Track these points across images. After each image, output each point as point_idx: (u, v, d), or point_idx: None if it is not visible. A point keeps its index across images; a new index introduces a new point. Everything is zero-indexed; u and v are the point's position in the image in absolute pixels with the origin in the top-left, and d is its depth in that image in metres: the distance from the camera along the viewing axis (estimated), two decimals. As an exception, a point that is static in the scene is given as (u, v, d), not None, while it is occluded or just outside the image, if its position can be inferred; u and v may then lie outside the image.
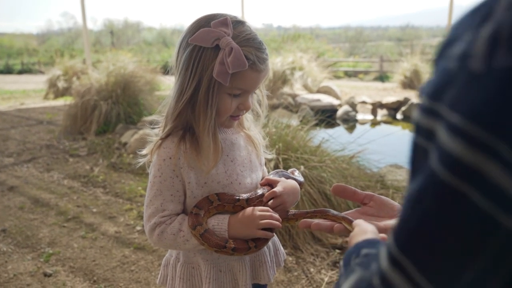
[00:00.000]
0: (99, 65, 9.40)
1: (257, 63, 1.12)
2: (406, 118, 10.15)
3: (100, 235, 3.52)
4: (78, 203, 4.21)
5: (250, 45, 1.12)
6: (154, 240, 1.20)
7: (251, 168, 1.32)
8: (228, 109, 1.18)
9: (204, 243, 1.14)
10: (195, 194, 1.21)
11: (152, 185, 1.21)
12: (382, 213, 1.04)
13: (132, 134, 6.27)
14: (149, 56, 23.78)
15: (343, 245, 3.23)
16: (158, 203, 1.20)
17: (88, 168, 5.33)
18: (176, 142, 1.19)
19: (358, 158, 4.36)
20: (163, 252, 3.20)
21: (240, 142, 1.32)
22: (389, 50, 28.11)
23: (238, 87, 1.14)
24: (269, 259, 1.35)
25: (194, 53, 1.13)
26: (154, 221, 1.19)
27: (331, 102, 10.45)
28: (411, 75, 13.30)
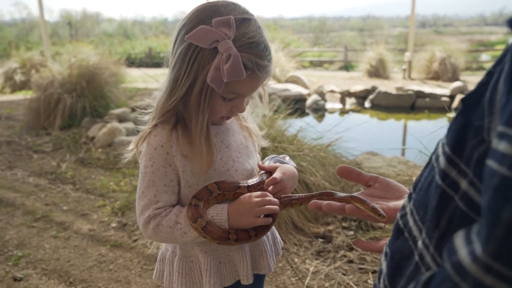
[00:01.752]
0: (59, 57, 9.02)
1: (256, 71, 1.05)
2: (374, 106, 10.32)
3: (73, 234, 3.35)
4: (47, 201, 4.00)
5: (251, 52, 1.04)
6: (149, 234, 1.13)
7: (248, 154, 1.27)
8: (220, 112, 1.12)
9: (207, 236, 1.08)
10: (190, 183, 1.14)
11: (143, 176, 1.13)
12: (388, 195, 1.02)
13: (99, 127, 6.04)
14: (111, 48, 23.10)
15: (326, 234, 3.22)
16: (151, 195, 1.12)
17: (55, 164, 5.08)
18: (167, 130, 1.12)
19: (334, 147, 4.37)
20: (141, 249, 3.08)
21: (234, 127, 1.27)
22: (352, 40, 28.54)
23: (233, 92, 1.08)
24: (268, 248, 1.31)
25: (190, 50, 1.04)
26: (148, 214, 1.11)
27: (300, 91, 10.47)
28: (376, 64, 13.52)
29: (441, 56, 12.82)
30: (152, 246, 3.09)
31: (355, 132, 4.83)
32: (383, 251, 0.68)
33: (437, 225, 0.46)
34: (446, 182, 0.46)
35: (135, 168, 4.75)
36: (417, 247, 0.52)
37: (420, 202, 0.54)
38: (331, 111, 10.28)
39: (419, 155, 3.75)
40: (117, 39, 32.00)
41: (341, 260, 2.86)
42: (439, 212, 0.46)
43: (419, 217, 0.54)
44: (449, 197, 0.45)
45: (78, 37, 34.72)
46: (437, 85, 11.39)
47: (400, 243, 0.59)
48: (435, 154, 0.54)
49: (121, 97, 7.69)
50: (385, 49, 14.01)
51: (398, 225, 0.61)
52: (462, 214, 0.43)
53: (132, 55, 21.94)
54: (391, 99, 10.06)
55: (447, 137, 0.49)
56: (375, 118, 9.63)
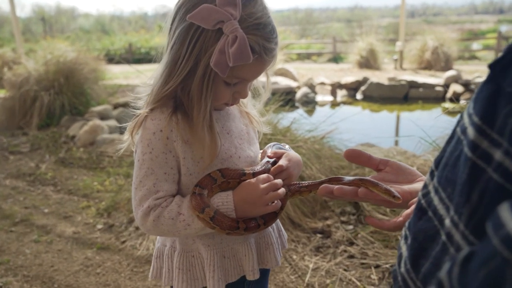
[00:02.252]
0: (33, 54, 8.85)
1: (263, 55, 1.01)
2: (366, 97, 10.35)
3: (56, 238, 3.27)
4: (26, 204, 3.90)
5: (258, 34, 0.99)
6: (148, 227, 1.07)
7: (249, 140, 1.23)
8: (222, 98, 1.08)
9: (216, 227, 1.03)
10: (191, 171, 1.09)
11: (141, 164, 1.07)
12: (400, 179, 1.01)
13: (80, 126, 5.94)
14: (89, 44, 22.80)
15: (324, 229, 3.19)
16: (150, 184, 1.06)
17: (33, 165, 4.97)
18: (166, 113, 1.07)
19: (329, 139, 4.36)
20: (130, 251, 3.02)
21: (234, 113, 1.23)
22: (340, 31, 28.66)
23: (237, 76, 1.04)
24: (274, 240, 1.27)
25: (191, 30, 0.99)
26: (148, 205, 1.06)
27: (289, 84, 10.46)
28: (367, 54, 13.58)
29: (434, 45, 12.93)
30: (141, 247, 3.03)
31: (349, 124, 4.82)
32: (402, 234, 0.65)
33: (467, 199, 0.44)
34: (476, 153, 0.44)
35: (120, 166, 4.67)
36: (444, 226, 0.49)
37: (447, 179, 0.52)
38: (322, 104, 10.29)
39: (418, 144, 3.75)
40: (95, 35, 31.64)
41: (342, 255, 2.84)
42: (470, 186, 0.44)
43: (446, 194, 0.51)
44: (480, 169, 0.43)
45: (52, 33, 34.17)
46: (430, 75, 11.49)
47: (423, 223, 0.57)
48: (460, 126, 0.52)
49: (102, 94, 7.59)
50: (375, 40, 14.09)
51: (421, 205, 0.59)
52: (497, 186, 0.41)
53: (112, 51, 21.67)
54: (384, 90, 10.10)
55: (474, 107, 0.47)
56: (368, 109, 9.66)
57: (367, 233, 3.02)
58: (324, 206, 3.45)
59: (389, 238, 2.92)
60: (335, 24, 43.59)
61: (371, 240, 2.95)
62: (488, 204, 0.42)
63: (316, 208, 3.42)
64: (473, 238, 0.43)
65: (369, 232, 3.04)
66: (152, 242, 3.04)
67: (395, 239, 2.88)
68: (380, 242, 2.90)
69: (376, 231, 3.03)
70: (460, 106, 8.52)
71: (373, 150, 4.46)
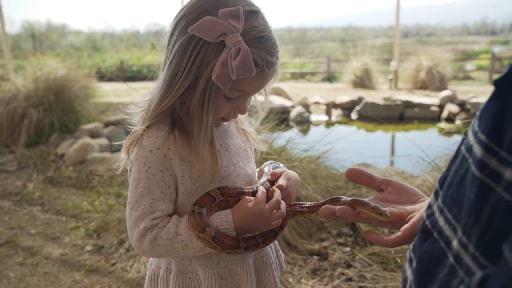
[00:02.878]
0: (22, 71, 8.85)
1: (265, 69, 1.01)
2: (361, 117, 10.42)
3: (43, 260, 3.21)
4: (11, 225, 3.84)
5: (261, 47, 1.00)
6: (145, 248, 1.05)
7: (247, 158, 1.23)
8: (222, 112, 1.08)
9: (217, 246, 1.02)
10: (189, 189, 1.08)
11: (137, 183, 1.05)
12: (403, 199, 1.00)
13: (70, 144, 5.90)
14: (79, 61, 22.87)
15: (321, 251, 3.16)
16: (146, 204, 1.05)
17: (20, 184, 4.92)
18: (164, 131, 1.06)
19: (324, 159, 4.36)
20: (120, 273, 2.97)
21: (232, 130, 1.23)
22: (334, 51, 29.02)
23: (239, 90, 1.03)
24: (273, 260, 1.25)
25: (192, 43, 0.99)
26: (144, 225, 1.04)
27: (283, 103, 10.52)
28: (361, 74, 13.74)
29: (428, 65, 13.13)
30: (132, 269, 2.97)
31: (344, 143, 4.83)
32: (406, 257, 0.65)
33: (476, 220, 0.44)
34: (485, 172, 0.43)
35: (110, 186, 4.63)
36: (452, 248, 0.49)
37: (452, 198, 0.52)
38: (316, 124, 10.34)
39: (415, 164, 3.76)
40: (86, 52, 31.78)
41: (339, 278, 2.81)
42: (479, 206, 0.44)
43: (452, 215, 0.51)
44: (489, 189, 0.42)
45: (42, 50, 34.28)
46: (425, 95, 11.62)
47: (428, 245, 0.56)
48: (465, 144, 0.52)
49: (92, 112, 7.57)
50: (370, 59, 14.28)
51: (425, 226, 0.58)
52: (508, 206, 0.40)
53: (103, 69, 21.74)
54: (379, 110, 10.19)
55: (480, 124, 0.48)
56: (363, 129, 9.72)
57: (365, 255, 3.00)
58: (320, 227, 3.43)
59: (388, 260, 2.90)
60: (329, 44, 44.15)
61: (369, 263, 2.92)
62: (499, 225, 0.41)
63: (312, 229, 3.39)
64: (484, 260, 0.42)
65: (367, 254, 3.01)
66: (143, 264, 2.99)
67: (393, 262, 2.86)
68: (378, 265, 2.88)
69: (374, 253, 3.01)
70: (456, 126, 8.61)
71: (370, 171, 4.46)
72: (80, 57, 26.40)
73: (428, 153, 3.49)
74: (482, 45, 45.75)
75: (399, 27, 13.72)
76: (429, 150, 3.49)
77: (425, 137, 8.07)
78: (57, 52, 27.92)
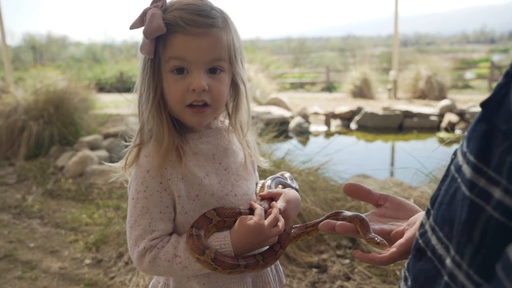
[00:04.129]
0: (22, 83, 8.91)
1: (183, 25, 1.01)
2: (360, 127, 10.45)
3: (42, 274, 3.22)
4: (10, 238, 3.86)
5: (177, 9, 1.03)
6: (145, 268, 1.07)
7: (246, 176, 1.22)
8: (173, 92, 1.04)
9: (218, 268, 1.03)
10: (187, 209, 1.09)
11: (135, 202, 1.07)
12: (401, 215, 1.00)
13: (69, 156, 5.93)
14: (80, 73, 22.99)
15: (320, 263, 3.17)
16: (145, 223, 1.06)
17: (20, 197, 4.94)
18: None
19: (323, 170, 4.37)
20: (120, 287, 2.97)
21: (233, 147, 1.22)
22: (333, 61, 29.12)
23: (172, 57, 1.03)
24: (271, 278, 1.25)
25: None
26: (144, 246, 1.05)
27: (283, 114, 10.56)
28: (360, 84, 13.80)
29: (427, 74, 13.20)
30: (131, 283, 2.98)
31: (344, 155, 4.85)
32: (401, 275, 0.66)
33: (469, 239, 0.45)
34: (474, 192, 0.45)
35: (110, 198, 4.65)
36: (445, 267, 0.50)
37: (443, 217, 0.53)
38: (316, 134, 10.37)
39: (414, 176, 3.78)
40: (86, 64, 31.91)
41: (338, 291, 2.81)
42: (470, 224, 0.45)
43: (444, 234, 0.52)
44: (480, 208, 0.44)
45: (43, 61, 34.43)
46: (425, 104, 11.67)
47: (423, 264, 0.57)
48: (454, 164, 0.53)
49: (92, 124, 7.61)
50: (369, 69, 14.36)
51: (418, 245, 0.59)
52: (498, 224, 0.42)
53: (103, 80, 21.86)
54: (378, 120, 10.22)
55: (468, 145, 0.49)
56: (363, 139, 9.74)
57: (364, 267, 3.01)
58: (319, 240, 3.44)
59: (387, 273, 2.91)
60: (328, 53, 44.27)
61: (368, 275, 2.93)
62: (491, 243, 0.43)
63: (311, 241, 3.40)
64: (478, 278, 0.44)
65: (366, 266, 3.02)
66: (142, 278, 3.00)
67: (393, 274, 2.87)
68: (377, 277, 2.89)
69: (373, 266, 3.02)
70: (455, 136, 8.62)
71: (369, 182, 4.49)
72: (80, 69, 26.53)
73: (427, 163, 3.51)
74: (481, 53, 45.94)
75: (397, 36, 13.82)
76: (428, 161, 3.51)
77: (425, 148, 8.08)
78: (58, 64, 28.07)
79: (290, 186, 1.29)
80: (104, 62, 33.61)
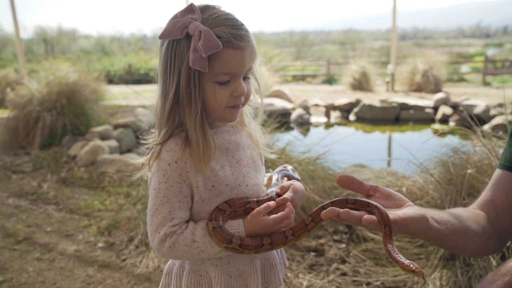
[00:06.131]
0: (35, 75, 8.95)
1: (233, 40, 1.06)
2: (359, 119, 10.49)
3: (58, 256, 3.31)
4: (29, 223, 3.94)
5: (221, 24, 1.07)
6: (164, 252, 1.13)
7: (255, 168, 1.28)
8: (220, 100, 1.11)
9: (244, 251, 1.10)
10: (203, 198, 1.16)
11: (157, 192, 1.13)
12: (390, 204, 1.07)
13: (81, 146, 6.00)
14: (89, 65, 22.97)
15: (318, 247, 3.25)
16: (166, 211, 1.12)
17: (36, 184, 5.02)
18: (180, 145, 1.12)
19: (322, 160, 4.43)
20: (130, 268, 3.07)
21: (244, 142, 1.27)
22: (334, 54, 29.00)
23: (222, 72, 1.08)
24: (278, 261, 1.31)
25: (168, 49, 1.09)
26: (164, 232, 1.12)
27: (285, 106, 10.60)
28: (359, 77, 13.79)
29: (423, 68, 13.17)
30: (141, 265, 3.07)
31: (342, 145, 4.90)
32: None
33: None
34: None
35: (120, 186, 4.73)
36: None
37: None
38: (316, 125, 10.41)
39: (408, 165, 3.84)
40: (95, 56, 31.87)
41: (334, 273, 2.90)
42: None
43: None
44: None
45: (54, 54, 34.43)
46: (420, 97, 11.67)
47: None
48: None
49: (102, 115, 7.66)
50: (368, 62, 14.33)
51: None
52: None
53: (111, 72, 21.84)
54: (376, 112, 10.25)
55: None
56: (361, 131, 9.78)
57: (359, 251, 3.09)
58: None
59: (380, 256, 2.99)
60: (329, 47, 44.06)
61: (362, 258, 3.01)
62: None
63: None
64: None
65: (361, 250, 3.10)
66: (151, 260, 3.09)
67: (385, 257, 2.94)
68: (371, 260, 2.97)
69: (367, 250, 3.10)
70: (449, 128, 8.64)
71: (365, 171, 4.55)
72: (90, 61, 26.51)
73: (419, 154, 3.56)
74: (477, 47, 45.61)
75: (396, 31, 13.75)
76: (420, 152, 3.56)
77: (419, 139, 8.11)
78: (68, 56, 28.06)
79: (293, 177, 1.34)
80: (112, 55, 33.56)
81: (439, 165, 3.24)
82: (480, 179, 2.61)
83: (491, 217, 1.26)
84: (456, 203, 2.72)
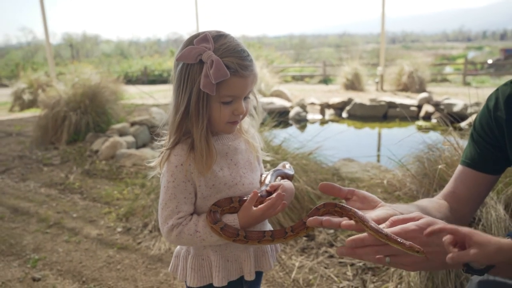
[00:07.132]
0: (62, 77, 9.04)
1: (239, 70, 1.13)
2: (350, 116, 10.52)
3: (83, 238, 3.42)
4: (58, 210, 4.05)
5: (230, 55, 1.13)
6: (172, 239, 1.22)
7: (251, 169, 1.34)
8: (223, 117, 1.18)
9: (248, 241, 1.17)
10: (205, 195, 1.24)
11: (166, 190, 1.21)
12: (365, 206, 1.12)
13: (102, 141, 6.10)
14: (110, 67, 23.07)
15: (309, 233, 3.33)
16: (173, 206, 1.21)
17: (63, 175, 5.12)
18: (186, 150, 1.20)
19: (315, 154, 4.48)
20: (145, 250, 3.16)
21: (241, 147, 1.34)
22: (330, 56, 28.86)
23: (227, 95, 1.15)
24: (269, 248, 1.39)
25: (183, 70, 1.15)
26: (172, 223, 1.20)
27: (284, 104, 10.63)
28: (352, 77, 13.78)
29: (409, 70, 13.14)
30: (154, 247, 3.17)
31: (334, 141, 4.96)
32: None
33: None
34: None
35: (136, 178, 4.82)
36: None
37: None
38: (312, 122, 10.45)
39: (389, 161, 3.90)
40: (115, 59, 31.96)
41: (323, 255, 2.97)
42: None
43: None
44: None
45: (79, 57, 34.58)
46: (406, 96, 11.66)
47: None
48: None
49: (120, 113, 7.74)
50: (360, 64, 14.30)
51: None
52: None
53: (129, 74, 21.92)
54: (366, 110, 10.28)
55: None
56: (352, 127, 9.82)
57: (345, 236, 3.16)
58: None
59: (363, 240, 3.05)
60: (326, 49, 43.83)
61: (347, 242, 3.08)
62: None
63: (302, 215, 3.55)
64: None
65: (347, 235, 3.17)
66: (163, 243, 3.18)
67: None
68: (355, 244, 3.04)
69: (352, 235, 3.17)
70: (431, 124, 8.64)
71: (353, 165, 4.62)
72: (110, 64, 26.58)
73: (401, 150, 3.60)
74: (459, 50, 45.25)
75: (385, 35, 13.71)
76: (401, 148, 3.61)
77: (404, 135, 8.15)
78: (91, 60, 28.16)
79: (287, 173, 1.40)
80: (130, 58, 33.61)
81: (416, 161, 3.31)
82: (449, 173, 2.67)
83: (453, 207, 1.32)
84: (429, 194, 2.79)
